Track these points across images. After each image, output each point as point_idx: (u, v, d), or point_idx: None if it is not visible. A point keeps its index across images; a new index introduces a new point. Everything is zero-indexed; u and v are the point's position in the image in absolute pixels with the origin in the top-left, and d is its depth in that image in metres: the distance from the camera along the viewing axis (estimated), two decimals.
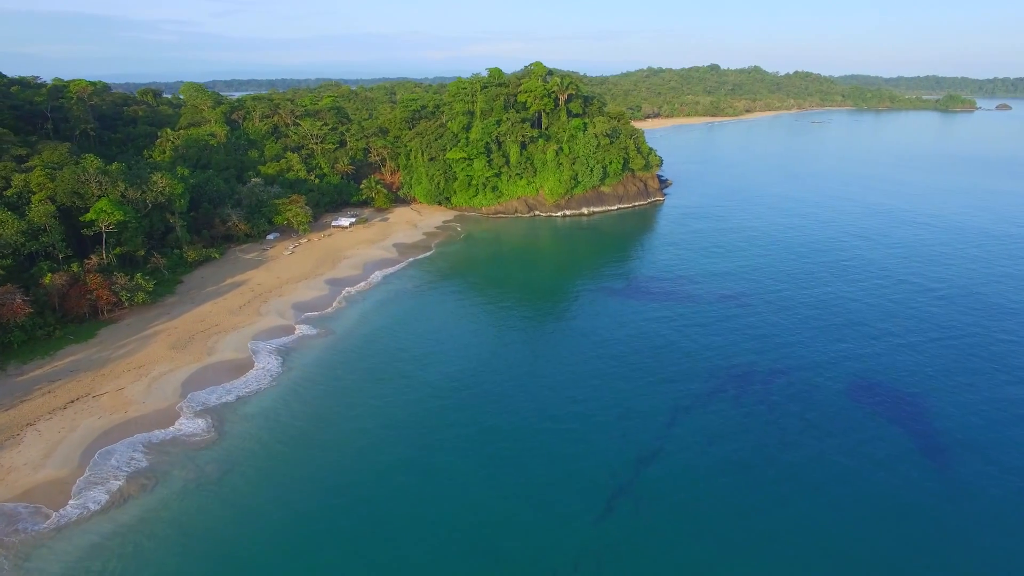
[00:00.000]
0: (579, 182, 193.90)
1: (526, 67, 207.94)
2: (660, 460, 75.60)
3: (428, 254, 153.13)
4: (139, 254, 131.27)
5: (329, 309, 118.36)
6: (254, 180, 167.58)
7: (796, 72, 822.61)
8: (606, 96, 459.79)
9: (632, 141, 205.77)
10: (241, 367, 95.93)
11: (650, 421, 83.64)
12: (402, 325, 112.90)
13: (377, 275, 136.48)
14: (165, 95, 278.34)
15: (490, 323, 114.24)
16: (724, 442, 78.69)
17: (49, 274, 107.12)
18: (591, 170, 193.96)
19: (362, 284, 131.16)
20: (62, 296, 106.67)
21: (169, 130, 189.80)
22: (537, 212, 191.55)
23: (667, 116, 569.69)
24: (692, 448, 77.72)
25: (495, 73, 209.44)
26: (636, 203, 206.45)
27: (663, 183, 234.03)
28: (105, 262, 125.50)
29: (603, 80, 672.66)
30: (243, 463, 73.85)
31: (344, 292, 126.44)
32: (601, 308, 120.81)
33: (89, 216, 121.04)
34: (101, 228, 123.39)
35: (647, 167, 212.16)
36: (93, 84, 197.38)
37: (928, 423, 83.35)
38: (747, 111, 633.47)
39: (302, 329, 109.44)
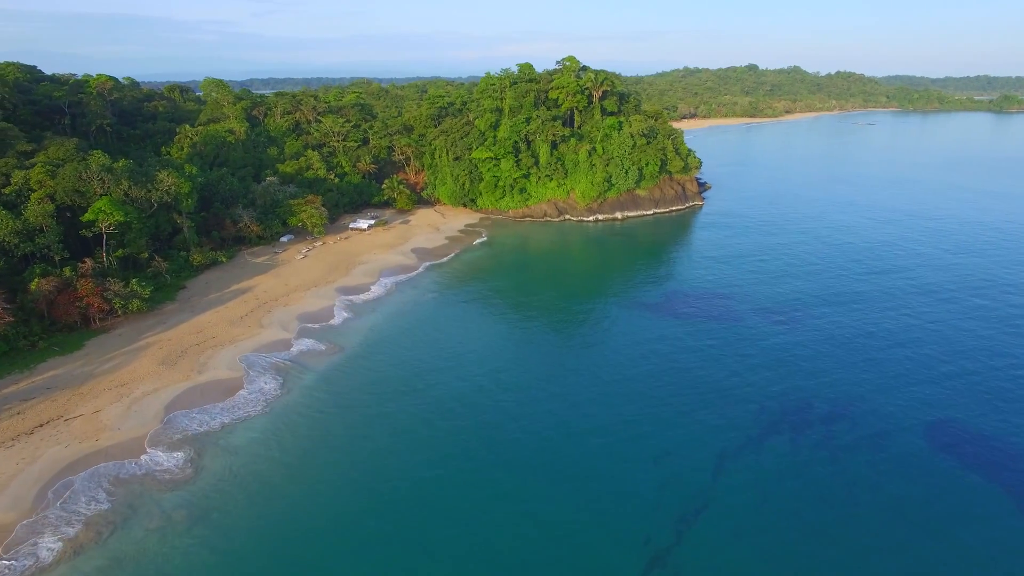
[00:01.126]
0: (613, 184, 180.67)
1: (559, 61, 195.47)
2: (706, 520, 62.74)
3: (448, 260, 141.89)
4: (143, 256, 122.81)
5: (337, 321, 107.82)
6: (269, 179, 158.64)
7: (838, 72, 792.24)
8: (640, 96, 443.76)
9: (670, 142, 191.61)
10: (232, 388, 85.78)
11: (691, 467, 70.82)
12: (415, 340, 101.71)
13: (392, 283, 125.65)
14: (196, 92, 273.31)
15: (511, 340, 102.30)
16: (782, 498, 65.42)
17: (36, 279, 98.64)
18: (626, 172, 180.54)
19: (375, 293, 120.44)
20: (50, 303, 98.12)
21: (188, 126, 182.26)
22: (567, 216, 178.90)
23: (704, 117, 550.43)
24: (744, 506, 64.62)
25: (525, 68, 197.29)
26: (673, 208, 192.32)
27: (701, 187, 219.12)
28: (105, 265, 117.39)
29: (638, 80, 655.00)
30: (217, 509, 63.23)
31: (355, 302, 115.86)
32: (634, 325, 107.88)
33: (88, 216, 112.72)
34: (101, 229, 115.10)
35: (685, 169, 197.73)
36: (113, 79, 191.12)
37: None
38: (787, 112, 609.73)
39: (305, 344, 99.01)
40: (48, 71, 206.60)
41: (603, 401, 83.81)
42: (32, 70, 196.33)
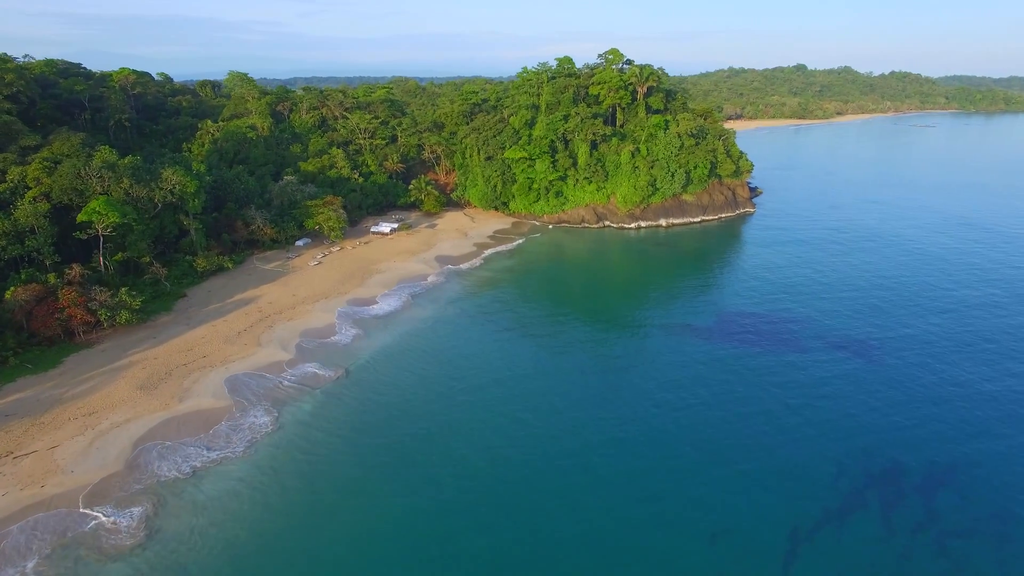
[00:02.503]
0: (657, 189, 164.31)
1: (601, 55, 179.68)
2: None
3: (474, 270, 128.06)
4: (144, 261, 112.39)
5: (344, 340, 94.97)
6: (286, 178, 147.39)
7: (892, 72, 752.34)
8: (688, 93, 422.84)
9: (721, 143, 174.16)
10: (215, 419, 73.56)
11: (755, 550, 55.62)
12: (430, 366, 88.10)
13: (409, 296, 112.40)
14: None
15: (540, 370, 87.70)
16: None
17: (13, 287, 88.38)
18: (672, 175, 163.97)
19: (390, 307, 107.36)
20: (28, 314, 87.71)
21: (209, 122, 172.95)
22: (607, 222, 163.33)
23: (750, 118, 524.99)
24: None
25: (564, 62, 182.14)
26: (722, 215, 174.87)
27: (752, 192, 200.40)
28: (103, 270, 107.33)
29: (681, 80, 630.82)
30: None
31: (366, 317, 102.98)
32: (679, 354, 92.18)
33: (81, 217, 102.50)
34: (98, 231, 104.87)
35: (737, 173, 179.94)
36: (136, 73, 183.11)
37: None
38: (838, 114, 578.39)
39: (305, 368, 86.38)
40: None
41: (646, 457, 68.66)
42: (67, 65, 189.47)
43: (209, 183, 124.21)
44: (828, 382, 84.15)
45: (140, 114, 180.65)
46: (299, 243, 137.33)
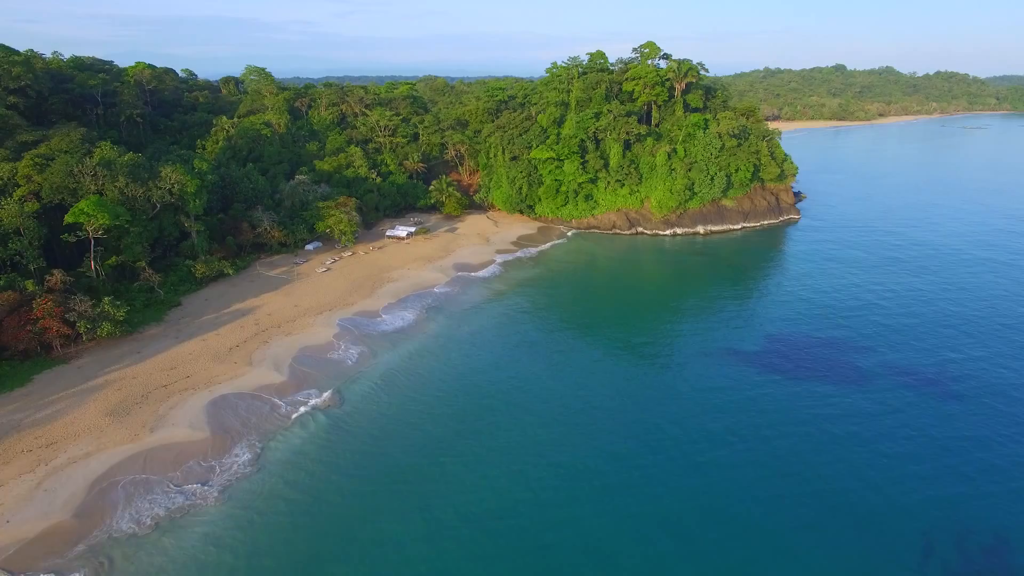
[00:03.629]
0: (695, 193, 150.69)
1: (636, 49, 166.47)
2: None
3: (494, 279, 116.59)
4: (139, 266, 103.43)
5: (344, 359, 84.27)
6: (298, 177, 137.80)
7: (937, 73, 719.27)
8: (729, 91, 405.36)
9: (765, 144, 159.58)
10: (188, 454, 63.44)
11: None
12: (440, 393, 76.86)
13: (423, 309, 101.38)
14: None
15: (564, 403, 75.77)
16: None
17: None
18: (711, 179, 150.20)
19: (400, 322, 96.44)
20: None
21: (225, 118, 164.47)
22: (640, 228, 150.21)
23: (788, 119, 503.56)
24: None
25: (597, 57, 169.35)
26: (764, 222, 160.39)
27: (796, 197, 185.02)
28: (94, 276, 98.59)
29: (715, 80, 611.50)
30: None
31: (372, 333, 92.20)
32: (725, 385, 79.30)
33: (69, 219, 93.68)
34: (88, 233, 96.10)
35: (781, 177, 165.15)
36: (152, 68, 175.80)
37: None
38: (880, 115, 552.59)
39: (298, 393, 75.88)
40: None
41: (687, 525, 56.23)
42: (93, 62, 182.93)
43: (211, 182, 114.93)
44: (903, 430, 70.48)
45: (156, 110, 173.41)
46: (309, 247, 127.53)
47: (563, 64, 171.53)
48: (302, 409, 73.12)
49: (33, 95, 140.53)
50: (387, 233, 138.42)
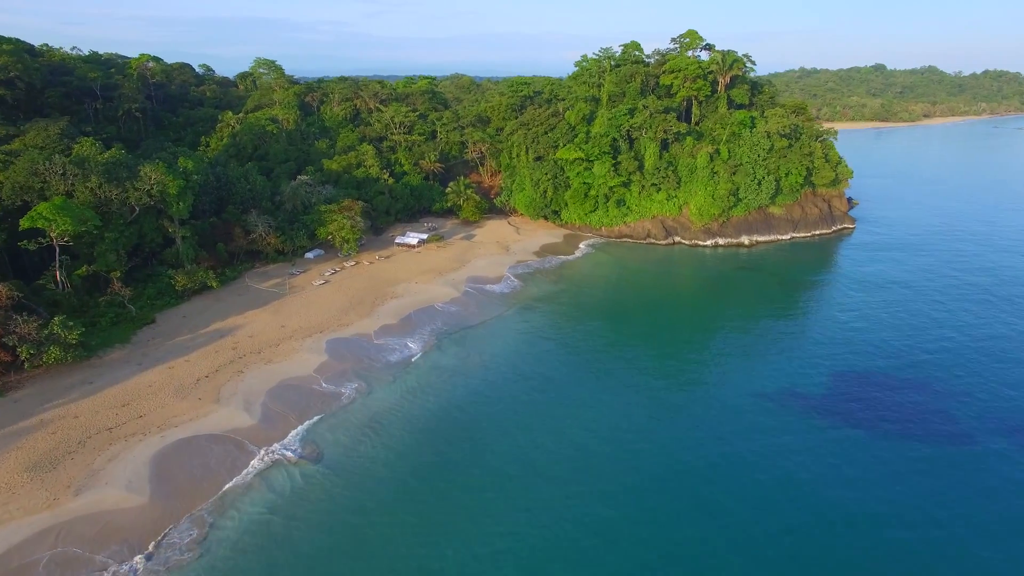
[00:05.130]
0: (740, 199, 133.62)
1: (675, 39, 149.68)
2: None
3: (512, 297, 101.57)
4: (114, 276, 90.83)
5: (330, 396, 70.13)
6: (300, 177, 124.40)
7: (985, 72, 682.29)
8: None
9: (819, 145, 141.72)
10: (116, 530, 49.86)
11: None
12: (441, 450, 62.17)
13: (431, 334, 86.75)
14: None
15: (586, 462, 60.46)
16: None
17: None
18: (759, 183, 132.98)
19: (400, 349, 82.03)
20: None
21: (230, 113, 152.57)
22: (678, 238, 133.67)
23: (827, 120, 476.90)
24: None
25: (631, 47, 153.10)
26: (815, 232, 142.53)
27: (847, 203, 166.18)
28: (60, 288, 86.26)
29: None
30: None
31: (367, 364, 77.87)
32: (790, 450, 63.04)
33: (24, 223, 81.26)
34: (52, 240, 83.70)
35: (835, 182, 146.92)
36: (157, 60, 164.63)
37: None
38: (925, 116, 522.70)
39: (268, 445, 61.88)
40: None
41: None
42: (109, 57, 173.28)
43: (197, 183, 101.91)
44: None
45: (162, 104, 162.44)
46: (309, 255, 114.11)
47: (594, 56, 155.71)
48: (269, 462, 59.19)
49: (23, 86, 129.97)
50: (396, 240, 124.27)
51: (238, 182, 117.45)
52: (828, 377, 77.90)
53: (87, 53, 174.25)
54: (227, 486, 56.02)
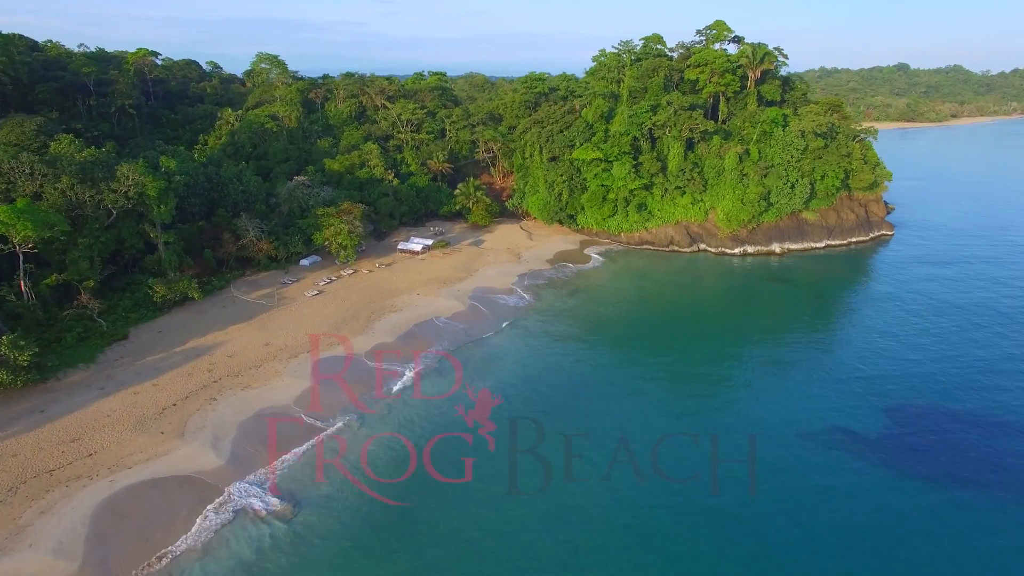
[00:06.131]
0: (771, 204, 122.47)
1: (700, 31, 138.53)
2: None
3: (523, 313, 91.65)
4: (87, 286, 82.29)
5: (312, 433, 60.78)
6: (297, 178, 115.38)
7: (1015, 71, 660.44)
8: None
9: (858, 145, 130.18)
10: None
11: None
12: (431, 516, 52.55)
13: (434, 358, 77.16)
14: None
15: (600, 523, 50.49)
16: None
17: None
18: (792, 187, 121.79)
19: (393, 375, 72.44)
20: None
21: (229, 110, 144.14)
22: (703, 246, 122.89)
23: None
24: None
25: (652, 41, 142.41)
26: (852, 239, 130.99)
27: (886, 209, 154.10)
28: (25, 299, 77.81)
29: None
30: None
31: (355, 391, 68.36)
32: (833, 496, 52.57)
33: None
34: (14, 247, 75.29)
35: (873, 186, 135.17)
36: (154, 54, 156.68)
37: None
38: (953, 116, 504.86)
39: (234, 495, 52.59)
40: None
41: None
42: (114, 55, 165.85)
43: (181, 183, 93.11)
44: None
45: (160, 101, 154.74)
46: (304, 262, 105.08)
47: (612, 50, 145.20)
48: (234, 514, 49.95)
49: (8, 81, 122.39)
50: (399, 246, 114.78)
51: (231, 183, 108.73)
52: (882, 415, 67.11)
53: (93, 50, 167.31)
54: (181, 547, 46.85)
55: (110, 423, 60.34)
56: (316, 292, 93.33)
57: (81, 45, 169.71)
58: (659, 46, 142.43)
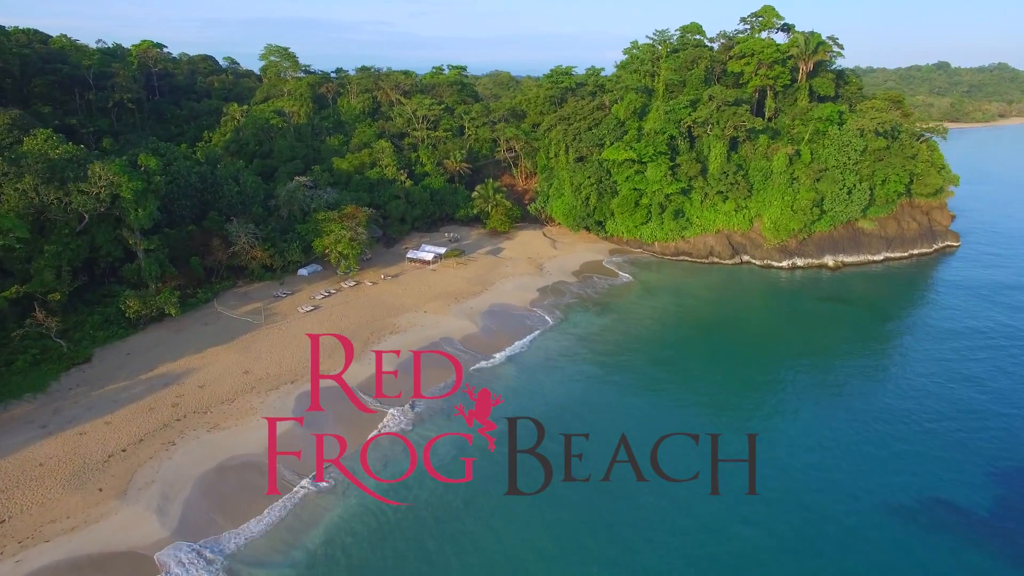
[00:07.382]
0: (825, 212, 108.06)
1: (744, 19, 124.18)
2: None
3: (545, 336, 79.31)
4: (55, 299, 72.34)
5: (283, 497, 49.41)
6: (297, 179, 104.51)
7: None
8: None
9: (924, 146, 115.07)
10: None
11: None
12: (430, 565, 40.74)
13: (434, 386, 65.39)
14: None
15: None
16: None
17: None
18: (848, 192, 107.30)
19: (390, 417, 60.75)
20: None
21: (235, 105, 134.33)
22: (747, 257, 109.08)
23: None
24: None
25: (691, 30, 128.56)
26: (914, 251, 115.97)
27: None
28: None
29: None
30: None
31: (342, 437, 56.85)
32: None
33: None
34: None
35: (938, 192, 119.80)
36: (159, 47, 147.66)
37: None
38: (1001, 116, 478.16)
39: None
40: None
41: None
42: (104, 50, 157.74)
43: (160, 184, 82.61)
44: None
45: (165, 96, 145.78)
46: (303, 271, 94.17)
47: (646, 41, 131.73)
48: None
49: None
50: (408, 255, 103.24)
51: (226, 183, 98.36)
52: (986, 480, 53.62)
53: (111, 46, 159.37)
54: None
55: (40, 475, 49.73)
56: (311, 308, 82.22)
57: (99, 41, 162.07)
58: (698, 36, 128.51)
